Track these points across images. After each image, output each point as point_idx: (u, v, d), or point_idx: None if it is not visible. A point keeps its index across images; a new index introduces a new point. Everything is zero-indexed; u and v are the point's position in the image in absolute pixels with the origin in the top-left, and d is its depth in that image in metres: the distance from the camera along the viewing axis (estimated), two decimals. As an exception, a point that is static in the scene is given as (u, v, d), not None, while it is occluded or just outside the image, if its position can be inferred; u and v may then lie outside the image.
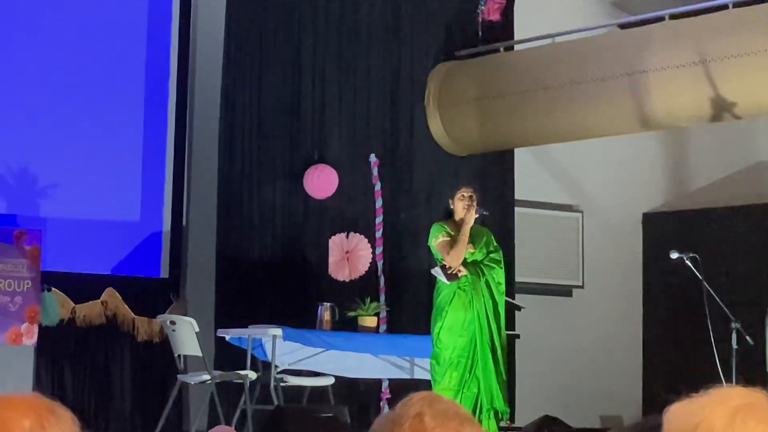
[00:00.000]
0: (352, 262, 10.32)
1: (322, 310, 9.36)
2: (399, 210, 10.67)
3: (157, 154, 10.26)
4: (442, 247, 8.30)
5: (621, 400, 12.08)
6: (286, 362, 9.31)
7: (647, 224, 12.55)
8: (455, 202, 8.43)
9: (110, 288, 9.87)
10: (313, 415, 7.99)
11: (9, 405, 1.97)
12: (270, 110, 10.30)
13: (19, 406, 1.97)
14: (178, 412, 9.88)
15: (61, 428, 1.97)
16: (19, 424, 1.94)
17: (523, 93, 10.29)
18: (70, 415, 2.01)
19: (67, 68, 9.88)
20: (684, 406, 2.05)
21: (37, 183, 9.74)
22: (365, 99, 10.67)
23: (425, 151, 10.87)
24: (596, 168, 12.25)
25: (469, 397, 8.19)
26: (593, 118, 10.02)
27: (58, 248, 9.63)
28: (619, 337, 12.25)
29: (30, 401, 1.99)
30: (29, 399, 1.99)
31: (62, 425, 1.98)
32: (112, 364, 9.85)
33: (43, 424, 1.95)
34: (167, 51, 10.34)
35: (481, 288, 8.29)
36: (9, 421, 1.95)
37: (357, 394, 10.02)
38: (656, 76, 9.40)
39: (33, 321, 8.95)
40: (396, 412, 2.02)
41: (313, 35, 10.47)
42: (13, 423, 1.94)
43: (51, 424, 1.96)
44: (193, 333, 8.87)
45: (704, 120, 9.62)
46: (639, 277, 12.46)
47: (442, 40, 11.03)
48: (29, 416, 1.95)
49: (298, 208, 10.32)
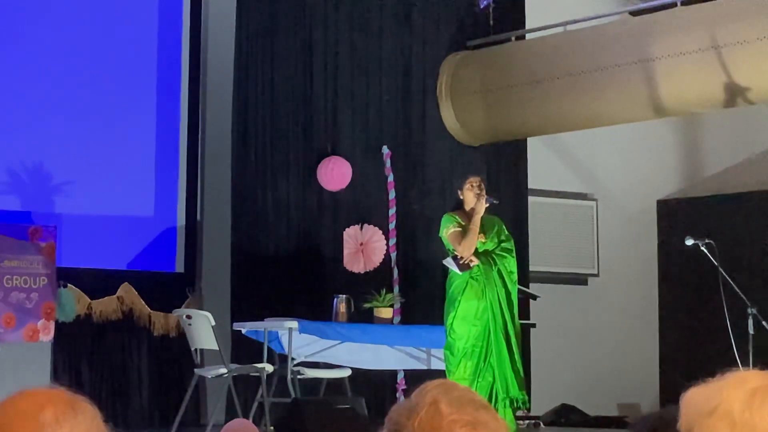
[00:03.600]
0: (366, 253, 10.32)
1: (338, 302, 9.37)
2: (412, 201, 10.67)
3: (171, 149, 10.27)
4: (454, 237, 8.28)
5: (638, 388, 12.07)
6: (302, 355, 9.31)
7: (662, 211, 12.53)
8: (464, 191, 8.40)
9: (126, 283, 9.89)
10: (330, 407, 7.99)
11: (29, 398, 1.98)
12: (282, 103, 10.31)
13: (39, 399, 1.97)
14: (196, 405, 9.90)
15: (78, 421, 1.97)
16: (34, 417, 1.94)
17: (535, 82, 10.28)
18: (92, 408, 2.01)
19: (80, 65, 9.90)
20: (701, 390, 2.05)
21: (52, 180, 9.76)
22: (377, 90, 10.67)
23: (438, 141, 10.86)
24: (610, 156, 12.24)
25: (484, 387, 8.18)
26: (606, 106, 10.01)
27: (73, 244, 9.65)
28: (635, 324, 12.24)
29: (50, 394, 1.99)
30: (50, 392, 2.00)
31: (80, 418, 1.98)
32: (129, 359, 9.87)
33: (59, 418, 1.95)
34: (179, 46, 10.34)
35: (494, 277, 8.27)
36: (26, 413, 1.95)
37: (373, 386, 10.02)
38: (668, 62, 9.38)
39: (49, 317, 8.97)
40: (412, 401, 2.02)
41: (325, 27, 10.47)
42: (30, 415, 1.94)
43: (67, 418, 1.96)
44: (210, 327, 8.88)
45: (717, 106, 9.60)
46: (654, 264, 12.45)
47: (454, 31, 11.02)
48: (47, 409, 1.95)
49: (311, 200, 10.33)
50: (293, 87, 10.35)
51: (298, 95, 10.36)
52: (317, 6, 10.45)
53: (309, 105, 10.39)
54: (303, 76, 10.39)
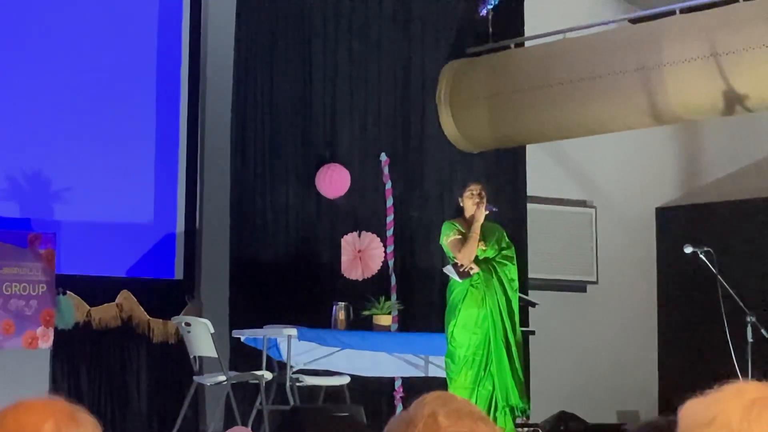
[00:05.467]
0: (364, 261, 10.32)
1: (337, 309, 9.36)
2: (411, 208, 10.67)
3: (170, 156, 10.28)
4: (454, 245, 8.29)
5: (637, 396, 12.07)
6: (301, 362, 9.31)
7: (661, 219, 12.53)
8: (464, 199, 8.41)
9: (125, 290, 9.88)
10: (329, 415, 7.99)
11: (29, 410, 1.98)
12: (281, 110, 10.31)
13: (40, 411, 1.97)
14: (195, 413, 9.90)
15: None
16: (36, 429, 1.94)
17: (534, 89, 10.29)
18: (93, 420, 2.01)
19: (78, 71, 9.90)
20: (699, 402, 2.05)
21: (51, 186, 9.76)
22: (376, 97, 10.67)
23: (437, 148, 10.86)
24: (609, 163, 12.24)
25: (484, 395, 8.19)
26: (605, 114, 10.01)
27: (72, 251, 9.65)
28: (634, 332, 12.24)
29: (51, 406, 1.99)
30: (51, 404, 2.00)
31: (81, 430, 1.98)
32: (128, 366, 9.87)
33: (61, 429, 1.95)
34: (179, 54, 10.35)
35: (494, 285, 8.27)
36: (28, 425, 1.95)
37: (370, 393, 10.02)
38: (668, 70, 9.38)
39: (48, 324, 8.97)
40: (410, 413, 2.02)
41: (324, 34, 10.48)
42: (32, 428, 1.94)
43: (69, 430, 1.96)
44: (209, 334, 8.88)
45: (717, 114, 9.60)
46: (653, 271, 12.45)
47: (453, 38, 11.02)
48: (49, 421, 1.95)
49: (310, 207, 10.33)
50: (292, 94, 10.35)
51: (297, 102, 10.37)
52: (316, 13, 10.46)
53: (308, 112, 10.39)
54: (302, 83, 10.39)
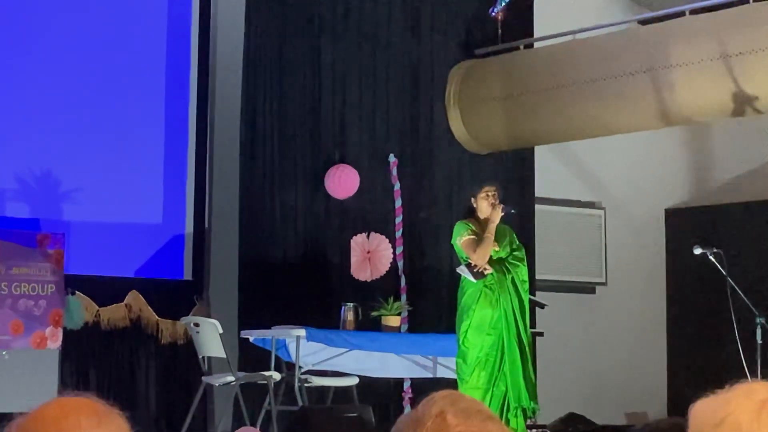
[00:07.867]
0: (373, 262, 10.32)
1: (346, 310, 9.36)
2: (420, 209, 10.67)
3: (179, 156, 10.29)
4: (468, 245, 8.25)
5: (646, 397, 12.05)
6: (310, 363, 9.31)
7: (670, 220, 12.52)
8: (479, 200, 8.37)
9: (134, 291, 9.89)
10: (338, 416, 7.99)
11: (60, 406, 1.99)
12: (290, 111, 10.31)
13: (71, 407, 1.98)
14: (203, 413, 9.90)
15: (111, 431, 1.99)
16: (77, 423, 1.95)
17: (543, 90, 10.28)
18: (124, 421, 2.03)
19: (87, 72, 9.91)
20: (709, 402, 2.05)
21: (60, 187, 9.77)
22: (385, 98, 10.67)
23: (446, 149, 10.86)
24: (618, 164, 12.23)
25: (498, 396, 8.17)
26: (614, 115, 10.00)
27: (81, 252, 9.66)
28: (643, 333, 12.22)
29: (83, 403, 2.00)
30: (83, 401, 2.01)
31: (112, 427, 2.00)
32: (137, 366, 9.87)
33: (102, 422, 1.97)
34: (188, 54, 10.36)
35: (507, 286, 8.25)
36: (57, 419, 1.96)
37: (378, 394, 10.02)
38: (677, 71, 9.37)
39: (57, 325, 8.98)
40: (418, 412, 2.01)
41: (333, 35, 10.48)
42: (71, 423, 1.95)
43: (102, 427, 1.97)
44: (217, 335, 8.88)
45: (726, 115, 9.58)
46: (662, 273, 12.43)
47: (462, 39, 11.02)
48: (91, 418, 1.96)
49: (319, 208, 10.33)
50: (301, 95, 10.35)
51: (306, 103, 10.37)
52: (325, 14, 10.46)
53: (317, 113, 10.40)
54: (311, 83, 10.39)
